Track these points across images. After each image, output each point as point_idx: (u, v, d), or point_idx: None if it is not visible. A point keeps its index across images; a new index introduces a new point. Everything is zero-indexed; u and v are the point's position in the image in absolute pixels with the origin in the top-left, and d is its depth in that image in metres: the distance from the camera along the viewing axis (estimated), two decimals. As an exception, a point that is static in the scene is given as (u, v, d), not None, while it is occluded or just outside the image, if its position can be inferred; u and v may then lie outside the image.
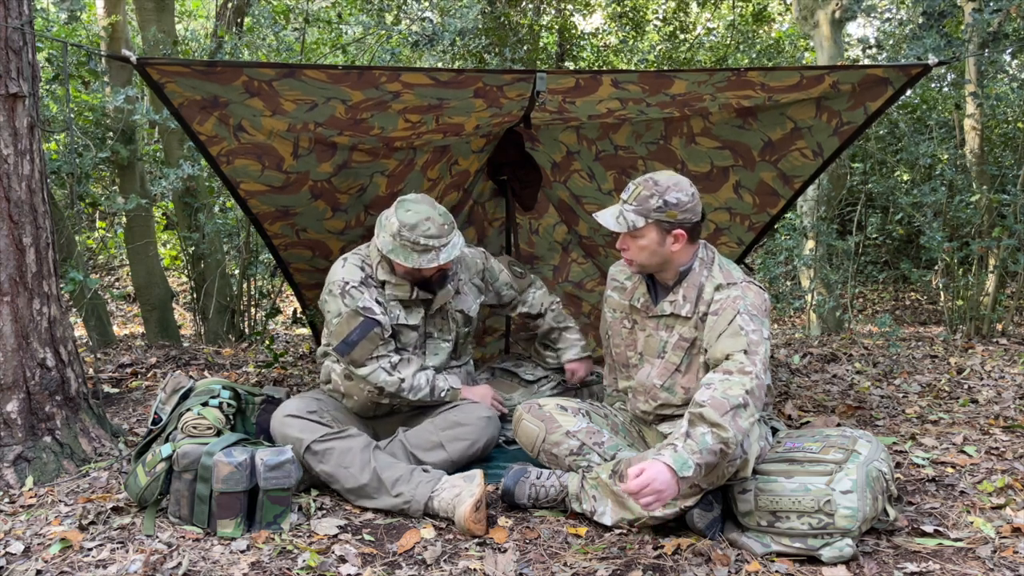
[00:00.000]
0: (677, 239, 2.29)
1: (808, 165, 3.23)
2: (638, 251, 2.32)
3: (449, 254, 2.63)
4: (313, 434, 2.51)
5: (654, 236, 2.29)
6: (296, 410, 2.59)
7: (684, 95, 2.88)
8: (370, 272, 2.72)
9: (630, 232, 2.30)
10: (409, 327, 2.75)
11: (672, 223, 2.27)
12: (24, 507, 2.41)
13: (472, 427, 2.67)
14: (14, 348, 2.60)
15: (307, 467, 2.50)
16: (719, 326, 2.23)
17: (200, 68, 2.54)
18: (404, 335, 2.75)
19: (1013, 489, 2.48)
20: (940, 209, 5.51)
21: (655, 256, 2.32)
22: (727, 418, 2.00)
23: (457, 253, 2.65)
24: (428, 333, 2.81)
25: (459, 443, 2.64)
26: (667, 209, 2.26)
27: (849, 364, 4.37)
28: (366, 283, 2.68)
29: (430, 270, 2.65)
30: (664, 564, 2.06)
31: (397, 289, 2.70)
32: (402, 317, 2.73)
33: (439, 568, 2.06)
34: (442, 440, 2.64)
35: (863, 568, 2.03)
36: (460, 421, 2.68)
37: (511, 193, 3.75)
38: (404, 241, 2.58)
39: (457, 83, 2.68)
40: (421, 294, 2.73)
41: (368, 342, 2.61)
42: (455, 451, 2.63)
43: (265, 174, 3.07)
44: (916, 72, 2.74)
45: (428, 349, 2.82)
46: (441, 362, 2.84)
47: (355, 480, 2.43)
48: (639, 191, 2.29)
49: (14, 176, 2.59)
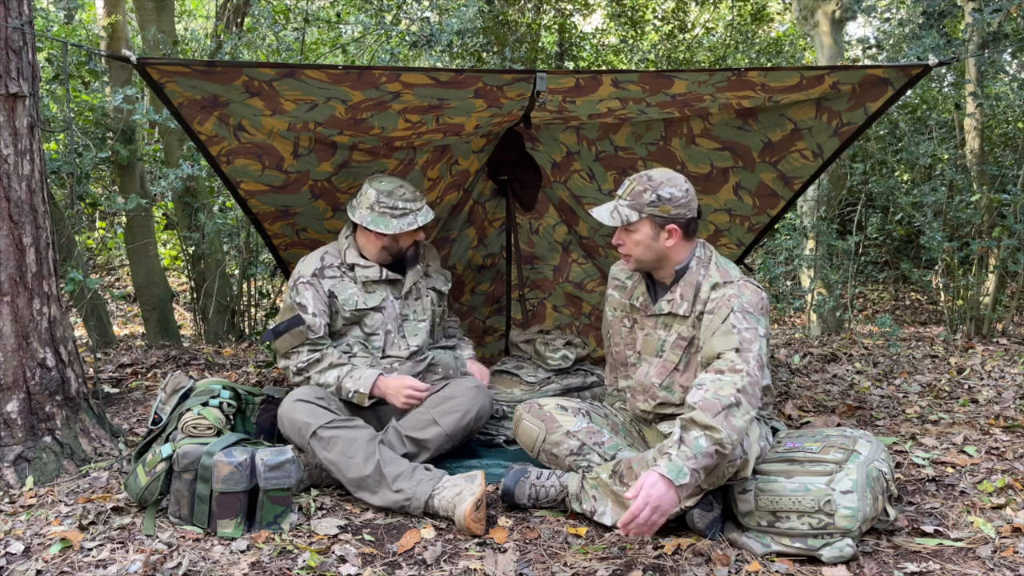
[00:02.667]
0: (671, 234, 2.32)
1: (808, 166, 3.22)
2: (633, 246, 2.35)
3: (426, 217, 2.80)
4: (320, 419, 2.52)
5: (648, 231, 2.31)
6: (306, 395, 2.62)
7: (684, 95, 2.88)
8: (332, 261, 2.84)
9: (624, 227, 2.34)
10: (373, 310, 2.82)
11: (665, 218, 2.30)
12: (24, 507, 2.41)
13: (461, 398, 2.71)
14: (14, 348, 2.60)
15: (311, 453, 2.51)
16: (713, 325, 2.24)
17: (200, 68, 2.54)
18: (369, 319, 2.83)
19: (1013, 489, 2.48)
20: (940, 209, 5.51)
21: (650, 251, 2.34)
22: (719, 419, 2.00)
23: (432, 217, 2.82)
24: (404, 315, 2.88)
25: (451, 415, 2.67)
26: (660, 204, 2.29)
27: (849, 364, 4.37)
28: (320, 274, 2.81)
29: (408, 236, 2.79)
30: (664, 564, 2.06)
31: (366, 270, 2.81)
32: (361, 302, 2.81)
33: (439, 568, 2.06)
34: (434, 416, 2.67)
35: (863, 568, 2.03)
36: (449, 395, 2.73)
37: (511, 193, 3.75)
38: (383, 208, 2.73)
39: (457, 83, 2.68)
40: (390, 274, 2.83)
41: (291, 336, 2.72)
42: (448, 424, 2.66)
43: (265, 174, 3.07)
44: (916, 72, 2.74)
45: (407, 331, 2.88)
46: (421, 342, 2.89)
47: (358, 471, 2.43)
48: (633, 186, 2.34)
49: (14, 176, 2.59)
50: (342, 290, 2.81)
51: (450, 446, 2.69)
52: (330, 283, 2.80)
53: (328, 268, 2.82)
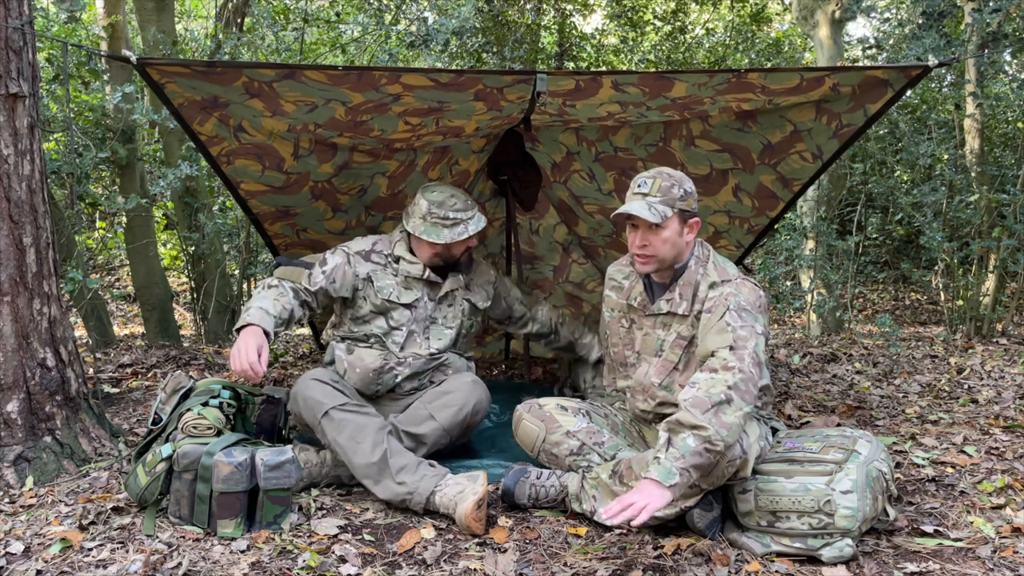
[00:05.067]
0: (692, 228, 2.35)
1: (808, 168, 3.22)
2: (660, 244, 2.31)
3: (477, 225, 2.78)
4: (334, 400, 2.54)
5: (676, 226, 2.32)
6: (322, 376, 2.64)
7: (684, 98, 2.88)
8: (382, 248, 2.85)
9: (655, 225, 2.30)
10: (404, 306, 2.81)
11: (688, 212, 2.33)
12: (24, 507, 2.41)
13: (458, 392, 2.72)
14: (14, 348, 2.61)
15: (320, 433, 2.53)
16: (710, 323, 2.24)
17: (200, 68, 2.54)
18: (397, 313, 2.81)
19: (1013, 489, 2.48)
20: (940, 209, 5.51)
21: (675, 248, 2.34)
22: (707, 416, 2.00)
23: (484, 224, 2.80)
24: (433, 318, 2.86)
25: (447, 410, 2.67)
26: (687, 198, 2.32)
27: (849, 364, 4.37)
28: (365, 256, 2.82)
29: (460, 244, 2.78)
30: (664, 564, 2.06)
31: (410, 266, 2.81)
32: (395, 295, 2.80)
33: (439, 568, 2.06)
34: (431, 411, 2.68)
35: (863, 568, 2.04)
36: (446, 390, 2.74)
37: (511, 193, 3.75)
38: (435, 219, 2.72)
39: (457, 85, 2.68)
40: (431, 275, 2.81)
41: (294, 270, 2.74)
42: (445, 418, 2.66)
43: (265, 174, 3.07)
44: (916, 73, 2.74)
45: (432, 333, 2.86)
46: (443, 346, 2.88)
47: (364, 457, 2.44)
48: (659, 183, 2.31)
49: (14, 176, 2.59)
50: (381, 278, 2.81)
51: (448, 441, 2.69)
52: (371, 267, 2.81)
53: (375, 254, 2.83)
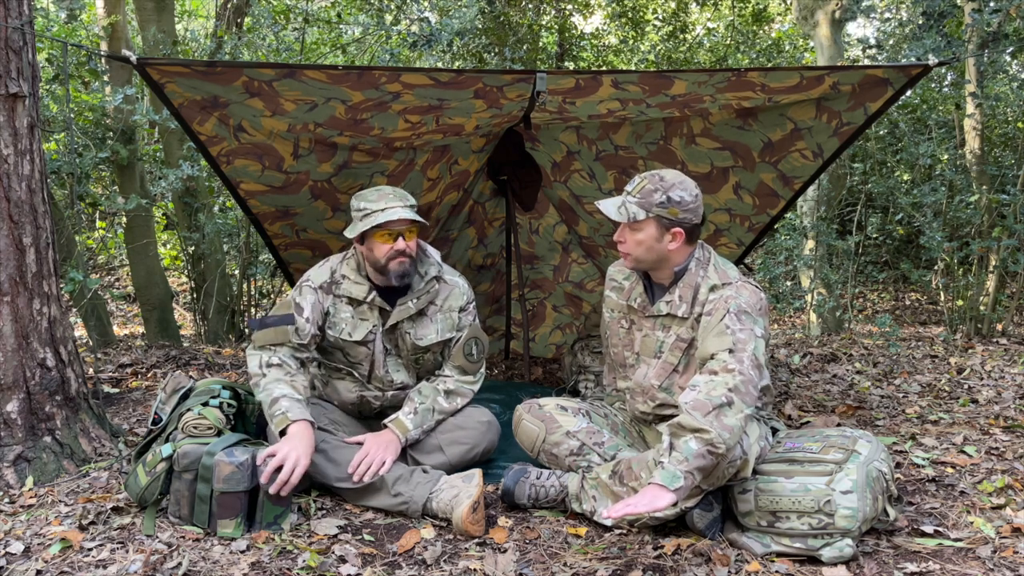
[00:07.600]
0: (675, 237, 2.29)
1: (808, 166, 3.23)
2: (634, 245, 2.32)
3: (395, 213, 2.50)
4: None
5: (652, 231, 2.29)
6: None
7: (684, 96, 2.88)
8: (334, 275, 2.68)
9: (629, 224, 2.31)
10: (357, 343, 2.66)
11: (672, 220, 2.28)
12: (24, 507, 2.41)
13: (472, 431, 2.66)
14: (14, 348, 2.60)
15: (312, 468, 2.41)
16: (710, 326, 2.23)
17: (200, 68, 2.54)
18: (352, 351, 2.69)
19: (1013, 489, 2.48)
20: (940, 209, 5.51)
21: (651, 252, 2.32)
22: (709, 419, 2.00)
23: (404, 216, 2.50)
24: (387, 349, 2.72)
25: (458, 447, 2.63)
26: (669, 206, 2.26)
27: (849, 364, 4.37)
28: (327, 288, 2.65)
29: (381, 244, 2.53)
30: (664, 564, 2.06)
31: (353, 286, 2.64)
32: (347, 332, 2.65)
33: (439, 568, 2.06)
34: (441, 443, 2.63)
35: (863, 568, 2.03)
36: (460, 425, 2.67)
37: (511, 193, 3.75)
38: (354, 213, 2.60)
39: (457, 84, 2.68)
40: (378, 300, 2.64)
41: (275, 332, 2.57)
42: (453, 455, 2.62)
43: (265, 174, 3.07)
44: (916, 73, 2.74)
45: (389, 366, 2.72)
46: (403, 380, 2.74)
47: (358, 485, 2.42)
48: (644, 184, 2.30)
49: (14, 176, 2.59)
50: (337, 311, 2.67)
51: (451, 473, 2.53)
52: (331, 301, 2.66)
53: (334, 284, 2.67)
